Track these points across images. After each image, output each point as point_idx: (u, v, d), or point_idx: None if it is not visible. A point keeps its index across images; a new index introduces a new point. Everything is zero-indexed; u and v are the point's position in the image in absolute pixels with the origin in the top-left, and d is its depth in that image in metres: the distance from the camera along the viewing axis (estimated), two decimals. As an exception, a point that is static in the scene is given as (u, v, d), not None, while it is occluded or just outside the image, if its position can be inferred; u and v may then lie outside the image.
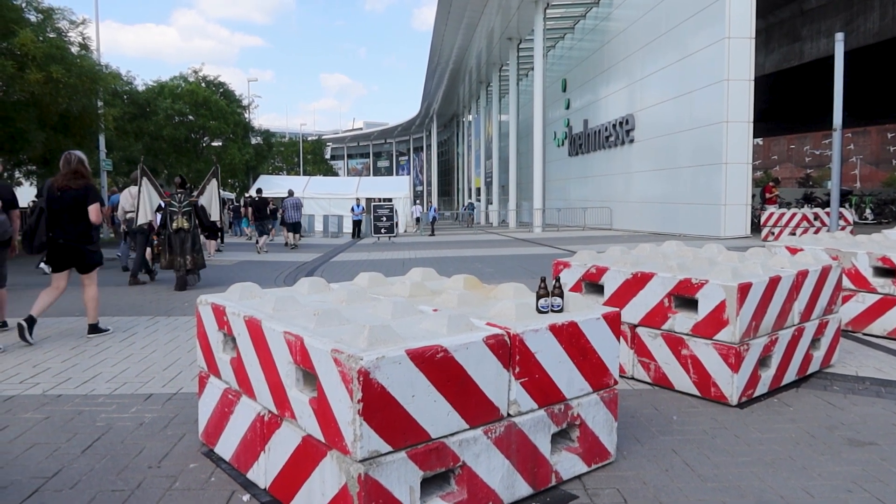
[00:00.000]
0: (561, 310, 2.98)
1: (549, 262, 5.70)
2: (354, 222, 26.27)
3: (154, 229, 9.97)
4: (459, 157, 73.40)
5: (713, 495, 2.79)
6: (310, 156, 60.12)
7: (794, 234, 15.97)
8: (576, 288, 4.79)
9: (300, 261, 14.76)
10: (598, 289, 4.68)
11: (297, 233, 20.17)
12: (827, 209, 15.98)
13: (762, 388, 4.09)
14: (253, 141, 40.90)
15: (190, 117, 33.76)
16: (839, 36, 12.05)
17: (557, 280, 3.10)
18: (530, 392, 2.73)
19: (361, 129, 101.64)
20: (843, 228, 14.05)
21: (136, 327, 6.54)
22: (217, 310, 3.19)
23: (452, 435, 2.47)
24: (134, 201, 10.30)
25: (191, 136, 34.85)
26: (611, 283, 4.54)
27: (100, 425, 3.69)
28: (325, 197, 31.58)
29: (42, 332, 6.15)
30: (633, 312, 4.38)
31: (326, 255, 16.70)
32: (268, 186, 25.00)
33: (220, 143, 36.79)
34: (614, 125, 26.76)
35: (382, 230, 23.83)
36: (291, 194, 20.40)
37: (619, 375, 3.71)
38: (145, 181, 9.82)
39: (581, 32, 32.54)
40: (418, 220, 35.06)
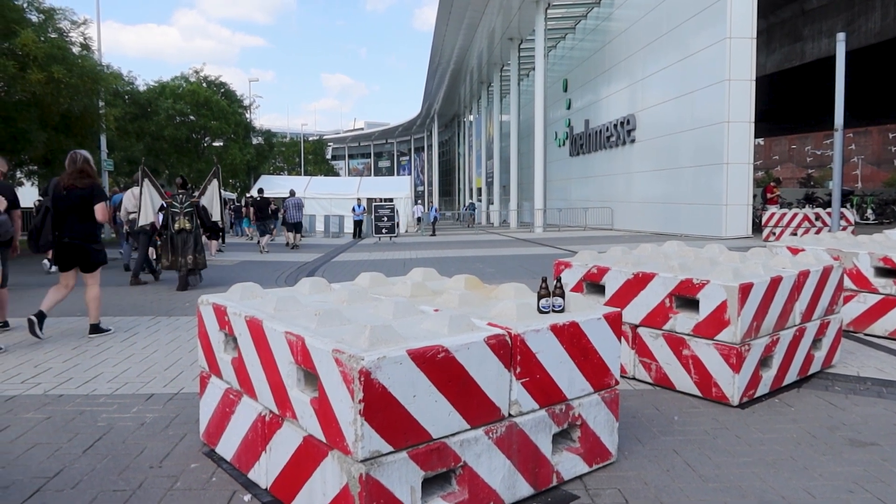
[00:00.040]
0: (562, 310, 2.98)
1: (551, 263, 5.70)
2: (355, 222, 26.29)
3: (157, 230, 9.99)
4: (460, 157, 73.44)
5: (714, 496, 2.79)
6: (311, 156, 60.15)
7: (796, 235, 15.96)
8: (577, 288, 4.79)
9: (301, 261, 14.76)
10: (600, 289, 4.68)
11: (299, 233, 20.22)
12: (828, 209, 15.99)
13: (763, 389, 4.09)
14: (254, 141, 40.94)
15: (191, 117, 33.79)
16: (840, 36, 12.03)
17: (559, 280, 3.10)
18: (531, 392, 2.73)
19: (362, 130, 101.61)
20: (845, 229, 14.03)
21: (138, 327, 6.55)
22: (218, 310, 3.19)
23: (453, 435, 2.47)
24: (136, 202, 10.33)
25: (192, 137, 34.89)
26: (612, 284, 4.54)
27: (101, 425, 3.69)
28: (327, 197, 31.60)
29: (44, 332, 6.16)
30: (635, 313, 4.38)
31: (327, 256, 16.70)
32: (269, 186, 25.04)
33: (222, 144, 36.82)
34: (615, 125, 26.75)
35: (383, 230, 23.83)
36: (293, 194, 20.47)
37: (621, 376, 3.71)
38: (147, 183, 9.85)
39: (582, 32, 32.54)
40: (419, 220, 35.08)
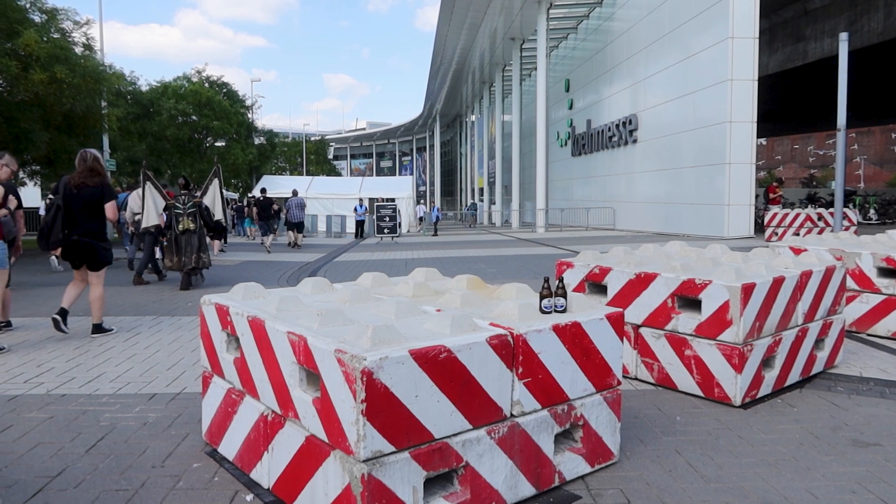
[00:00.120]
0: (564, 310, 2.98)
1: (553, 263, 5.70)
2: (357, 222, 26.31)
3: (162, 230, 10.02)
4: (462, 158, 73.43)
5: (716, 496, 2.79)
6: (313, 156, 60.15)
7: (798, 235, 15.94)
8: (579, 288, 4.78)
9: (303, 261, 14.77)
10: (602, 289, 4.68)
11: (300, 232, 20.26)
12: (831, 209, 15.96)
13: (766, 389, 4.08)
14: (256, 141, 40.95)
15: (193, 117, 33.79)
16: (843, 36, 12.01)
17: (561, 280, 3.09)
18: (533, 392, 2.73)
19: (364, 130, 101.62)
20: (847, 229, 14.01)
21: (140, 327, 6.56)
22: (220, 310, 3.19)
23: (455, 435, 2.47)
24: (141, 203, 10.35)
25: (194, 137, 34.91)
26: (614, 284, 4.54)
27: (103, 425, 3.70)
28: (329, 197, 31.62)
29: (46, 332, 6.18)
30: (637, 313, 4.37)
31: (329, 256, 16.71)
32: (271, 186, 25.04)
33: (224, 144, 36.83)
34: (617, 125, 26.74)
35: (385, 230, 23.84)
36: (295, 194, 20.50)
37: (623, 376, 3.70)
38: (149, 185, 9.87)
39: (584, 32, 32.52)
40: (421, 220, 35.08)
